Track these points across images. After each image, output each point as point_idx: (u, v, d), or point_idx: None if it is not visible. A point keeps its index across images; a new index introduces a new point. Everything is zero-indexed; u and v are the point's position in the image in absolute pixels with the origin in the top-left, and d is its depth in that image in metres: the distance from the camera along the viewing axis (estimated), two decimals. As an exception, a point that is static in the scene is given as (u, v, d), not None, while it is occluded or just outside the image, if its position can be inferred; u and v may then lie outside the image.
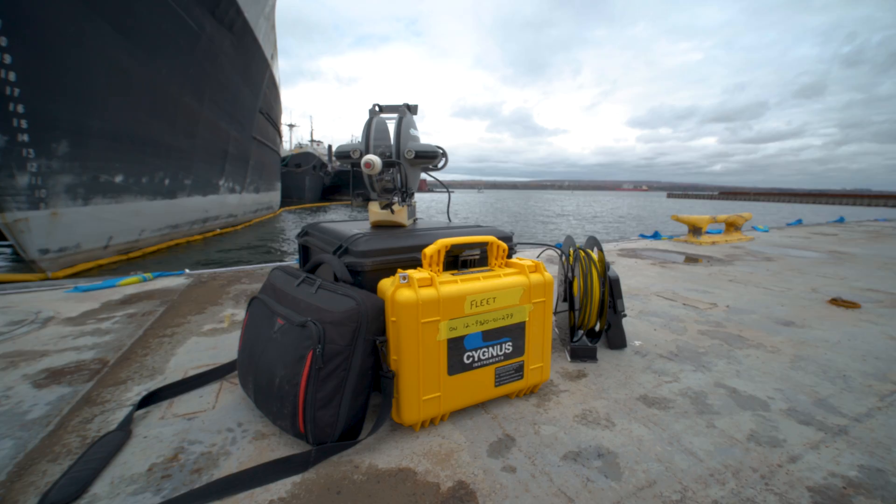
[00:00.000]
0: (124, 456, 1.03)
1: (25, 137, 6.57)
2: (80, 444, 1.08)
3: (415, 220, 1.77)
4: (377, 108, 1.61)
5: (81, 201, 7.89)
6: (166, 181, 10.37)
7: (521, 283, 1.20)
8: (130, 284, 2.62)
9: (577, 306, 1.55)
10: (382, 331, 1.08)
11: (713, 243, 4.70)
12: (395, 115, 1.55)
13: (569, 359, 1.58)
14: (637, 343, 1.76)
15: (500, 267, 1.28)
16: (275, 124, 19.28)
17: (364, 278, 1.25)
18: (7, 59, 6.04)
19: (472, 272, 1.20)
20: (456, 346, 1.12)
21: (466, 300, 1.11)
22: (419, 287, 1.05)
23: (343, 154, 1.52)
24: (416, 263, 1.28)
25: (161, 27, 8.72)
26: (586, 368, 1.52)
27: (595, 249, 1.65)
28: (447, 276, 1.16)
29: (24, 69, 6.23)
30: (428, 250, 1.15)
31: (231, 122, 13.18)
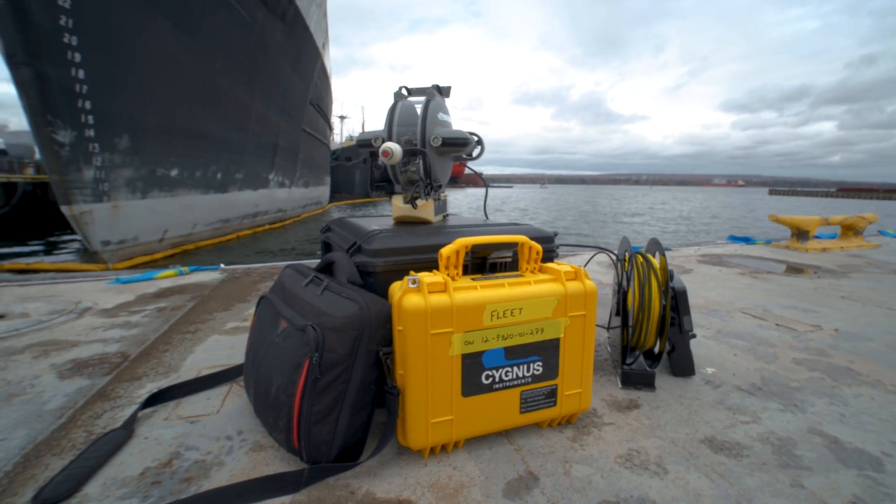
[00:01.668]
0: (122, 456, 1.08)
1: (91, 133, 7.40)
2: (85, 439, 1.15)
3: (445, 217, 1.72)
4: (404, 92, 1.58)
5: (140, 194, 8.75)
6: (218, 175, 11.22)
7: (554, 291, 1.10)
8: (167, 278, 2.83)
9: (630, 322, 1.41)
10: (389, 341, 1.04)
11: (824, 250, 4.18)
12: (423, 99, 1.50)
13: (619, 385, 1.45)
14: (709, 370, 1.57)
15: (532, 272, 1.19)
16: (325, 116, 20.21)
17: (376, 280, 1.22)
18: (77, 57, 6.83)
19: (497, 277, 1.13)
20: (472, 364, 1.04)
21: (486, 310, 1.03)
22: (429, 293, 1.00)
23: (364, 143, 1.51)
24: (436, 265, 1.22)
25: (215, 19, 9.43)
26: (640, 398, 1.38)
27: (657, 254, 1.50)
28: (466, 280, 1.09)
29: (91, 67, 7.01)
30: (445, 250, 1.09)
31: (281, 114, 13.98)
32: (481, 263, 1.33)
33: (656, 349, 1.47)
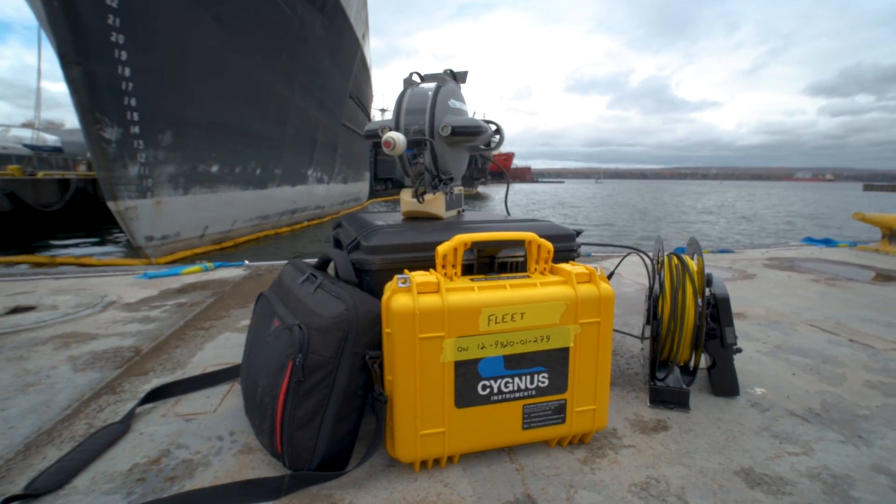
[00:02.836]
0: (115, 451, 1.13)
1: (136, 129, 7.96)
2: (85, 431, 1.22)
3: (460, 212, 1.69)
4: (416, 78, 1.56)
5: (182, 191, 9.31)
6: (258, 171, 11.75)
7: (563, 295, 1.04)
8: (192, 273, 2.98)
9: (659, 332, 1.32)
10: (379, 343, 1.03)
11: (925, 256, 3.76)
12: (433, 85, 1.48)
13: (648, 403, 1.36)
14: (758, 391, 1.44)
15: (541, 273, 1.14)
16: (365, 109, 20.65)
17: (373, 279, 1.21)
18: (123, 55, 7.36)
19: (499, 278, 1.08)
20: (467, 372, 1.01)
21: (482, 314, 0.99)
22: (419, 293, 0.97)
23: (371, 133, 1.50)
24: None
25: (256, 13, 9.86)
26: (670, 419, 1.28)
27: (695, 256, 1.39)
28: (464, 281, 1.06)
29: (136, 64, 7.53)
30: (442, 248, 1.06)
31: (321, 108, 14.42)
32: (490, 263, 1.29)
33: (691, 364, 1.36)
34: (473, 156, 1.85)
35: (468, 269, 1.26)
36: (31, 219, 12.05)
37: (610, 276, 1.71)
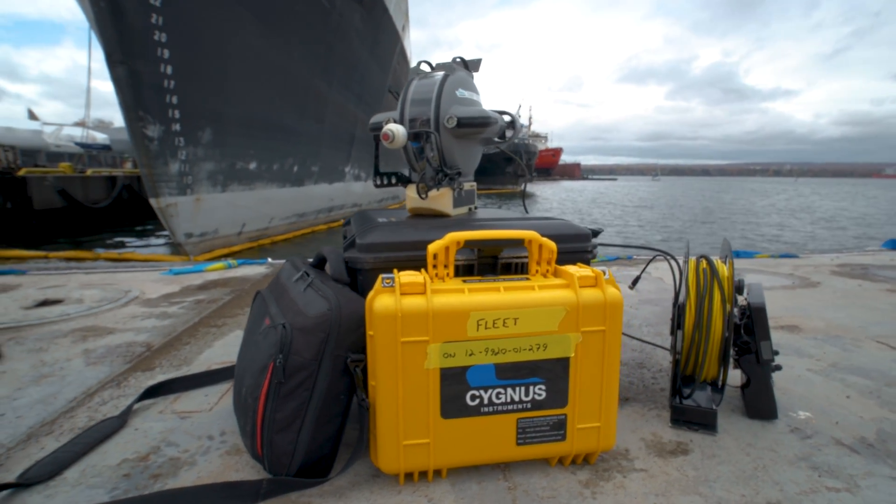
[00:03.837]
0: (108, 445, 1.19)
1: (177, 127, 8.41)
2: (86, 424, 1.29)
3: (471, 209, 1.66)
4: (426, 68, 1.55)
5: (220, 188, 9.76)
6: (295, 168, 12.13)
7: (562, 300, 1.00)
8: (215, 271, 3.10)
9: (680, 344, 1.24)
10: (364, 346, 1.02)
11: None
12: (441, 74, 1.46)
13: (669, 422, 1.28)
14: (802, 415, 1.33)
15: (543, 275, 1.09)
16: (406, 104, 20.85)
17: (366, 278, 1.21)
18: (165, 53, 7.80)
19: (494, 280, 1.05)
20: (454, 380, 0.98)
21: (471, 318, 0.96)
22: (402, 294, 0.96)
23: (376, 126, 1.50)
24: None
25: (294, 7, 10.18)
26: (692, 442, 1.20)
27: (726, 260, 1.30)
28: (454, 282, 1.03)
29: (177, 62, 7.96)
30: (433, 246, 1.04)
31: (359, 103, 14.71)
32: (493, 264, 1.26)
33: (719, 381, 1.27)
34: (518, 151, 1.81)
35: (469, 270, 1.23)
36: (80, 215, 13.00)
37: (635, 282, 1.64)
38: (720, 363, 1.24)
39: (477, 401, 1.00)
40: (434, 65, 1.56)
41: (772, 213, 23.82)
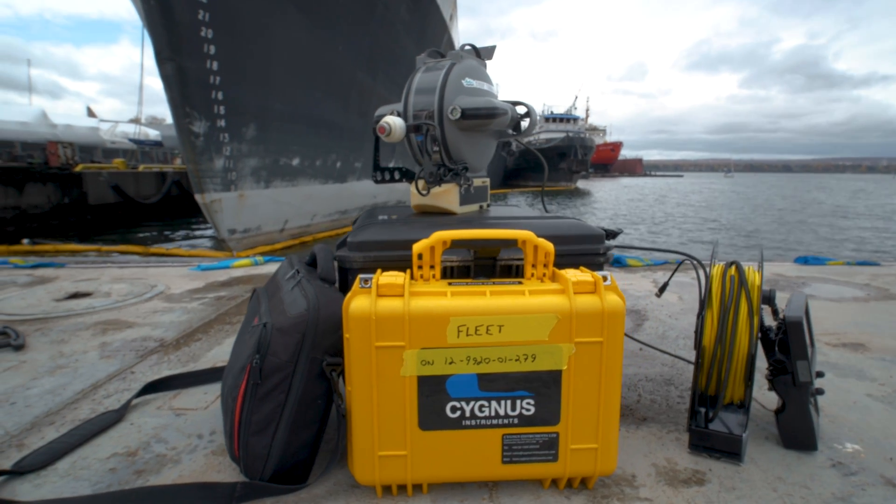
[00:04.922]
0: (102, 438, 1.26)
1: (222, 123, 8.84)
2: (87, 416, 1.37)
3: (483, 207, 1.63)
4: (436, 55, 1.54)
5: (263, 184, 10.17)
6: (338, 164, 12.45)
7: (554, 307, 0.95)
8: (241, 267, 3.23)
9: (701, 360, 1.16)
10: (341, 349, 1.02)
11: None
12: (447, 63, 1.44)
13: (688, 447, 1.20)
14: (849, 447, 1.21)
15: (539, 279, 1.05)
16: (453, 97, 20.93)
17: (355, 278, 1.21)
18: (212, 50, 8.21)
19: (482, 283, 1.02)
20: (432, 390, 0.96)
21: (451, 323, 0.94)
22: (379, 296, 0.95)
23: (378, 118, 1.50)
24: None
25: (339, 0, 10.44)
26: (711, 471, 1.12)
27: (756, 267, 1.20)
28: (438, 284, 1.01)
29: (223, 58, 8.36)
30: (418, 246, 1.03)
31: (404, 97, 14.89)
32: (491, 266, 1.22)
33: (746, 402, 1.18)
34: (573, 146, 1.76)
35: (465, 272, 1.21)
36: (132, 210, 13.96)
37: (662, 290, 1.55)
38: (746, 383, 1.15)
39: (458, 413, 0.98)
40: (442, 54, 1.55)
41: (864, 216, 22.03)
